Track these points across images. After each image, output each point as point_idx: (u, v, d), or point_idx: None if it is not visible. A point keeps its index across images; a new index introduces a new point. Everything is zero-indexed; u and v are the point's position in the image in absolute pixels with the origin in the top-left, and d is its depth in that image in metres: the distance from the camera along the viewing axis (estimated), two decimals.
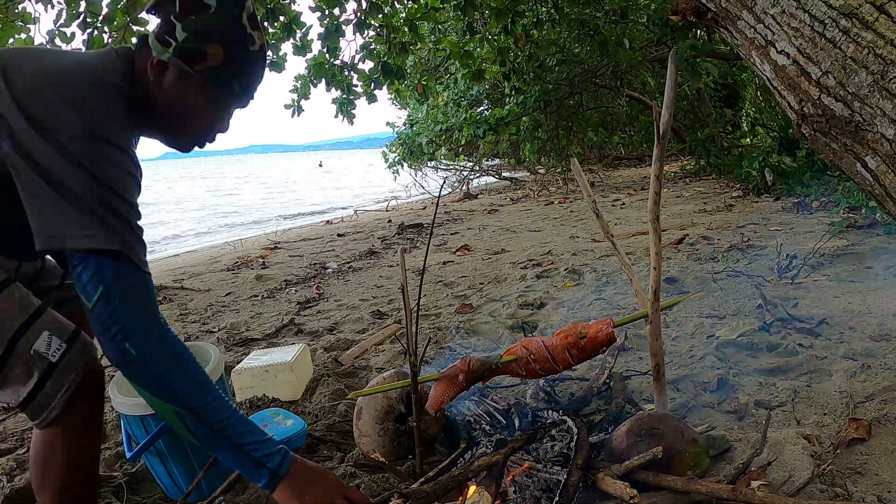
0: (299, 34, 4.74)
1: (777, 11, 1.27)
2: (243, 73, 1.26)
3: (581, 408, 2.07)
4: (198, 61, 1.21)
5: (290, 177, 36.76)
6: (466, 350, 2.93)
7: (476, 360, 1.73)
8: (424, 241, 7.07)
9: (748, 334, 2.71)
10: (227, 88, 1.25)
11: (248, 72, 1.27)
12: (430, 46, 8.52)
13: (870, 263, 3.67)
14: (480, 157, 13.43)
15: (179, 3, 1.19)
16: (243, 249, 8.02)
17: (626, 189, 10.41)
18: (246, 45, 1.23)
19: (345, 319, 3.79)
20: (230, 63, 1.23)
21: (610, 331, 1.74)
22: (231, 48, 1.22)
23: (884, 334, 2.55)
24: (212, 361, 1.89)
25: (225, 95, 1.26)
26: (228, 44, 1.21)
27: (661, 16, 5.97)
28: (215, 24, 1.20)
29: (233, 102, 1.29)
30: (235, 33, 1.22)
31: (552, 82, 9.21)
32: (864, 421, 1.85)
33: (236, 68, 1.24)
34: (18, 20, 3.37)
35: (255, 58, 1.26)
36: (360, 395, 1.89)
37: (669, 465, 1.56)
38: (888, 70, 1.12)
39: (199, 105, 1.26)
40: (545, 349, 1.74)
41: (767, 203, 6.81)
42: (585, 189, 2.02)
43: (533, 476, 1.63)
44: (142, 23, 3.81)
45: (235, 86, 1.26)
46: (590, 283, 4.00)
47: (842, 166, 1.30)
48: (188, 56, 1.21)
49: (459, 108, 10.83)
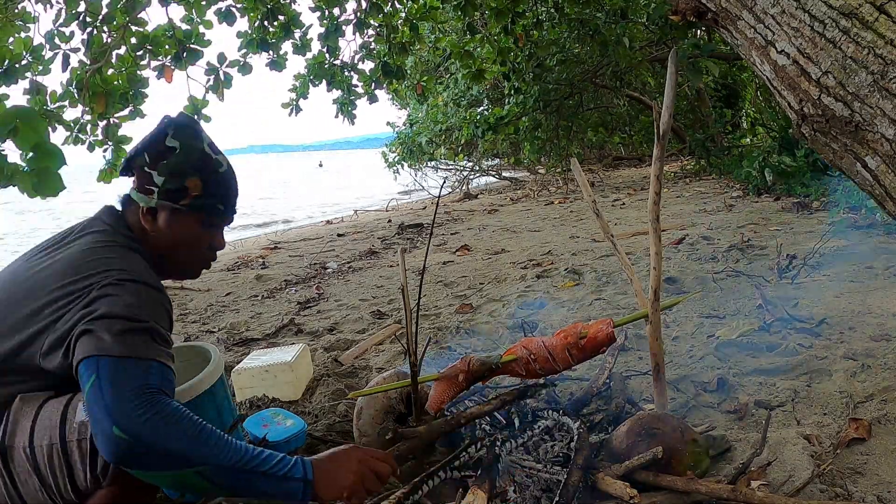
0: (298, 34, 4.74)
1: (777, 11, 1.27)
2: (223, 192, 1.43)
3: (581, 408, 2.07)
4: (182, 196, 1.37)
5: (291, 177, 36.75)
6: (466, 350, 2.93)
7: (476, 360, 1.74)
8: (424, 241, 7.08)
9: (748, 334, 2.71)
10: (214, 210, 1.42)
11: (226, 190, 1.43)
12: (430, 46, 8.53)
13: (870, 263, 3.67)
14: (480, 156, 13.44)
15: (148, 155, 1.36)
16: (243, 249, 8.02)
17: (626, 189, 10.41)
18: (216, 168, 1.41)
19: (345, 319, 3.79)
20: (209, 188, 1.39)
21: (610, 331, 1.74)
22: (206, 175, 1.39)
23: (884, 334, 2.55)
24: (212, 361, 1.89)
25: (213, 216, 1.43)
26: (203, 173, 1.38)
27: (661, 16, 5.97)
28: (186, 160, 1.37)
29: (221, 220, 1.46)
30: (205, 162, 1.39)
31: (552, 82, 9.22)
32: (864, 421, 1.85)
33: (216, 190, 1.41)
34: (18, 20, 3.37)
35: (227, 176, 1.44)
36: (360, 395, 1.89)
37: (669, 465, 1.56)
38: (888, 70, 1.12)
39: (195, 232, 1.42)
40: (545, 349, 1.74)
41: (767, 203, 6.81)
42: (585, 189, 2.02)
43: (533, 476, 1.63)
44: (141, 23, 3.81)
45: (219, 205, 1.42)
46: (590, 283, 4.00)
47: (842, 166, 1.30)
48: (173, 195, 1.37)
49: (459, 108, 10.83)
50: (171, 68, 3.94)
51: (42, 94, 3.00)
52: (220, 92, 4.29)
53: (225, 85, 4.28)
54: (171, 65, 3.94)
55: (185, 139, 1.38)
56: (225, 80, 4.27)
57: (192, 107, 4.23)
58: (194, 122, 1.45)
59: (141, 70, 3.75)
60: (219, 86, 4.27)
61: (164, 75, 3.94)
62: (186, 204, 1.38)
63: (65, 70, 3.51)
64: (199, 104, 4.24)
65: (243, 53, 4.51)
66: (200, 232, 1.43)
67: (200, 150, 1.40)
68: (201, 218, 1.41)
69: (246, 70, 4.52)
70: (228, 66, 4.30)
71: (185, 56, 3.93)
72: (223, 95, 4.31)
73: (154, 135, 1.39)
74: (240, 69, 4.47)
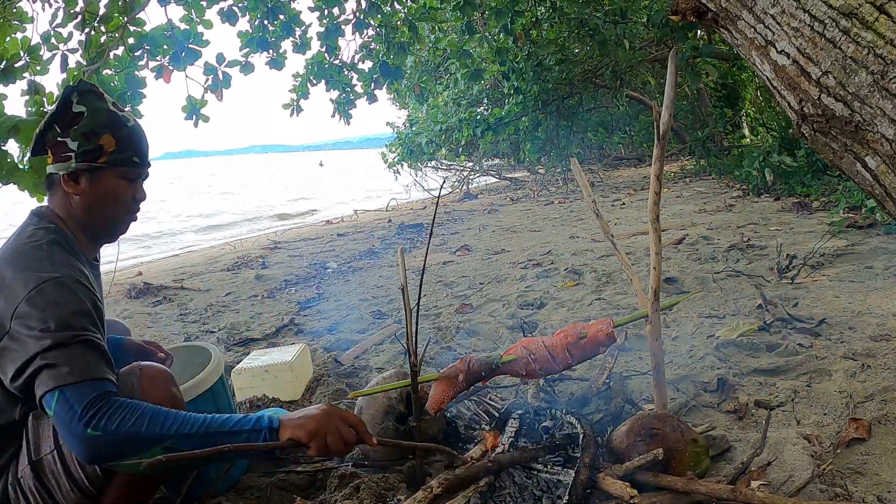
0: (298, 32, 4.73)
1: (777, 11, 1.27)
2: (136, 145, 1.50)
3: (581, 408, 2.07)
4: (99, 153, 1.45)
5: (291, 176, 36.74)
6: (466, 350, 2.93)
7: (476, 360, 1.73)
8: (424, 241, 7.07)
9: (748, 334, 2.71)
10: (130, 162, 1.49)
11: (138, 142, 1.51)
12: (430, 46, 8.52)
13: (870, 263, 3.67)
14: (480, 157, 13.43)
15: (59, 125, 1.44)
16: (243, 249, 8.01)
17: (626, 189, 10.41)
18: (125, 123, 1.49)
19: (345, 319, 3.79)
20: (122, 142, 1.47)
21: (610, 331, 1.74)
22: (117, 131, 1.47)
23: (884, 334, 2.55)
24: (212, 361, 1.89)
25: (129, 169, 1.50)
26: (114, 129, 1.46)
27: (662, 16, 5.96)
28: (96, 120, 1.44)
29: (138, 172, 1.53)
30: (113, 119, 1.47)
31: (552, 82, 9.21)
32: (864, 421, 1.84)
33: (129, 144, 1.49)
34: (15, 19, 3.36)
35: (136, 130, 1.52)
36: (361, 395, 1.89)
37: (669, 465, 1.56)
38: (888, 70, 1.11)
39: (118, 186, 1.49)
40: (545, 349, 1.74)
41: (767, 203, 6.81)
42: (585, 189, 2.02)
43: (533, 476, 1.63)
44: (139, 23, 3.80)
45: (134, 157, 1.50)
46: (590, 283, 4.00)
47: (842, 166, 1.30)
48: (90, 154, 1.44)
49: (459, 108, 10.82)
50: (170, 68, 3.93)
51: (40, 94, 2.98)
52: (219, 92, 4.28)
53: (224, 85, 4.27)
54: (170, 65, 3.93)
55: (90, 102, 1.45)
56: (224, 80, 4.27)
57: (191, 107, 4.23)
58: (94, 86, 1.51)
59: (139, 70, 3.75)
60: (218, 86, 4.26)
61: (163, 75, 3.93)
62: (104, 161, 1.45)
63: (63, 71, 3.50)
64: (197, 104, 4.24)
65: (245, 53, 4.50)
66: (122, 185, 1.50)
67: (106, 110, 1.47)
68: (120, 172, 1.48)
69: (248, 70, 4.52)
70: (228, 66, 4.29)
71: (184, 56, 3.93)
72: (222, 96, 4.30)
73: (60, 106, 1.45)
74: (241, 69, 4.46)
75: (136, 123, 1.52)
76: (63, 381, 1.20)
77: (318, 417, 1.30)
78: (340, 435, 1.31)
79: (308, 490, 1.86)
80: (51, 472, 1.33)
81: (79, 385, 1.21)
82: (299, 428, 1.27)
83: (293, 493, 1.81)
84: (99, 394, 1.21)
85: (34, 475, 1.33)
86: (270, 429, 1.27)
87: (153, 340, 1.90)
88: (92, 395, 1.20)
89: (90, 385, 1.22)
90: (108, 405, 1.20)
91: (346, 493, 1.68)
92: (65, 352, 1.23)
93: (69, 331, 1.25)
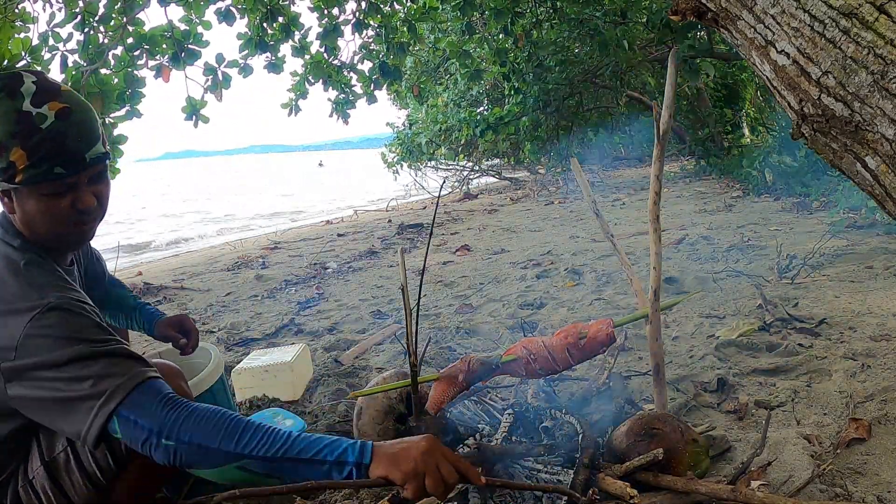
0: (298, 35, 4.73)
1: (777, 11, 1.27)
2: (54, 150, 1.19)
3: (581, 408, 2.07)
4: (15, 173, 1.17)
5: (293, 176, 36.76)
6: (466, 350, 2.93)
7: (476, 360, 1.73)
8: (424, 241, 7.07)
9: (748, 334, 2.71)
10: (51, 176, 1.20)
11: (57, 148, 1.19)
12: (430, 46, 8.51)
13: (870, 263, 3.67)
14: (480, 157, 13.42)
15: None
16: (243, 249, 8.01)
17: (626, 189, 10.41)
18: (38, 126, 1.17)
19: (345, 319, 3.79)
20: (35, 154, 1.17)
21: (610, 331, 1.74)
22: (26, 142, 1.16)
23: (884, 334, 2.55)
24: (212, 361, 1.89)
25: (50, 184, 1.21)
26: (23, 140, 1.16)
27: (662, 17, 5.96)
28: (2, 131, 1.16)
29: (66, 185, 1.23)
30: (23, 125, 1.16)
31: (552, 82, 9.21)
32: (864, 421, 1.84)
33: (43, 155, 1.18)
34: (18, 20, 3.37)
35: (55, 131, 1.19)
36: (361, 395, 1.88)
37: (669, 465, 1.56)
38: (888, 70, 1.11)
39: (44, 206, 1.23)
40: (545, 349, 1.74)
41: (767, 203, 6.81)
42: (585, 189, 2.02)
43: (533, 477, 1.63)
44: (139, 23, 3.80)
45: (57, 167, 1.19)
46: (590, 283, 4.00)
47: (842, 166, 1.30)
48: (5, 174, 1.18)
49: (459, 109, 10.82)
50: (169, 68, 3.93)
51: None
52: (219, 92, 4.28)
53: (223, 85, 4.27)
54: (169, 65, 3.93)
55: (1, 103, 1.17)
56: (223, 81, 4.27)
57: (190, 107, 4.23)
58: (11, 77, 1.20)
59: (138, 70, 3.75)
60: (217, 86, 4.26)
61: (162, 75, 3.93)
62: (21, 179, 1.18)
63: (62, 71, 3.50)
64: (197, 104, 4.24)
65: (244, 55, 4.50)
66: (49, 203, 1.23)
67: (16, 112, 1.16)
68: (46, 186, 1.20)
69: (247, 72, 4.52)
70: (227, 67, 4.29)
71: (184, 56, 3.93)
72: (221, 96, 4.31)
73: None
74: (240, 71, 4.46)
75: (56, 120, 1.19)
76: (113, 401, 1.10)
77: (417, 457, 1.11)
78: (441, 476, 1.12)
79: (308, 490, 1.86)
80: (65, 469, 1.30)
81: (129, 397, 1.11)
82: (394, 467, 1.10)
83: (293, 493, 1.81)
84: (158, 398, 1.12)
85: (47, 475, 1.30)
86: (359, 464, 1.10)
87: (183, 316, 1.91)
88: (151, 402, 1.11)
89: (139, 391, 1.12)
90: (177, 411, 1.10)
91: (346, 493, 1.68)
92: (94, 369, 1.12)
93: (89, 345, 1.14)
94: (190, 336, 1.85)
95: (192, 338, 1.85)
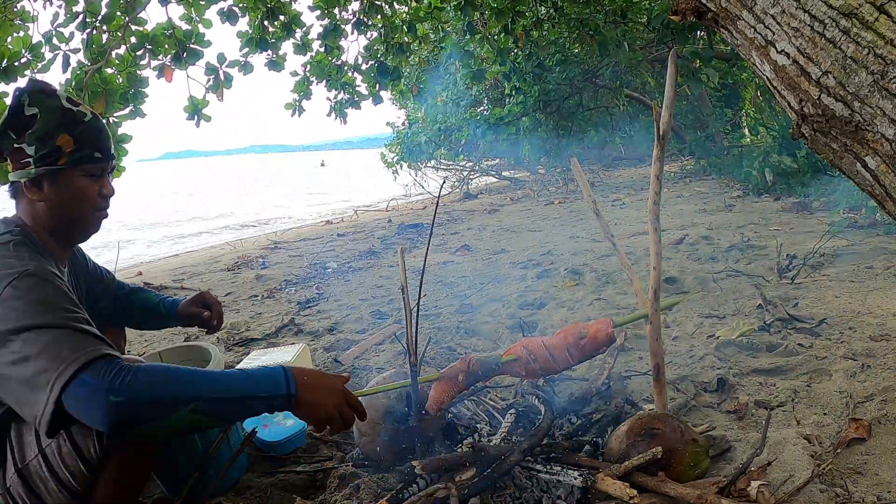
0: (299, 33, 4.73)
1: (777, 11, 1.27)
2: (94, 140, 1.44)
3: (581, 408, 2.07)
4: (58, 156, 1.39)
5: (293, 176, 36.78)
6: (466, 350, 2.93)
7: (476, 360, 1.73)
8: (424, 241, 7.07)
9: (748, 334, 2.71)
10: (91, 159, 1.44)
11: (97, 136, 1.45)
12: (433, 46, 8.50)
13: (870, 263, 3.67)
14: (480, 156, 13.42)
15: (13, 131, 1.39)
16: (243, 249, 8.01)
17: (626, 189, 10.41)
18: (82, 119, 1.43)
19: (345, 319, 3.79)
20: (80, 140, 1.42)
21: (610, 331, 1.74)
22: (73, 129, 1.41)
23: (884, 334, 2.55)
24: (212, 361, 1.89)
25: (92, 166, 1.45)
26: (70, 128, 1.40)
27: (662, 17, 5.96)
28: (50, 122, 1.39)
29: (101, 168, 1.47)
30: (68, 117, 1.41)
31: (552, 82, 9.21)
32: (864, 421, 1.85)
33: (87, 140, 1.43)
34: (17, 19, 3.37)
35: (94, 124, 1.46)
36: (361, 395, 1.88)
37: (669, 465, 1.56)
38: (888, 70, 1.12)
39: (82, 186, 1.44)
40: (545, 349, 1.74)
41: (767, 203, 6.81)
42: (585, 189, 2.02)
43: (532, 477, 1.63)
44: (141, 22, 3.80)
45: (95, 153, 1.44)
46: (590, 283, 4.00)
47: (842, 166, 1.30)
48: (48, 158, 1.39)
49: (459, 108, 10.82)
50: (171, 68, 3.93)
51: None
52: (220, 92, 4.28)
53: (225, 85, 4.27)
54: (171, 64, 3.93)
55: (42, 102, 1.39)
56: (225, 80, 4.27)
57: (192, 106, 4.23)
58: (45, 83, 1.44)
59: (141, 70, 3.75)
60: (219, 85, 4.26)
61: (164, 75, 3.93)
62: (64, 162, 1.40)
63: (65, 71, 3.50)
64: (199, 104, 4.24)
65: (244, 53, 4.50)
66: (86, 184, 1.45)
67: (60, 108, 1.41)
68: (82, 170, 1.43)
69: (247, 69, 4.52)
70: (228, 66, 4.29)
71: (185, 56, 3.93)
72: (223, 95, 4.31)
73: (12, 110, 1.39)
74: (241, 69, 4.46)
75: (93, 117, 1.47)
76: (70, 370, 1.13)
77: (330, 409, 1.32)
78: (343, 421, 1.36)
79: (308, 490, 1.86)
80: (37, 476, 1.31)
81: (90, 363, 1.14)
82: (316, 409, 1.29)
83: (293, 493, 1.81)
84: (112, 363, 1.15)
85: (22, 482, 1.31)
86: (288, 396, 1.26)
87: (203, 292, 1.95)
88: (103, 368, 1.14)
89: (101, 361, 1.16)
90: (127, 371, 1.14)
91: (346, 493, 1.68)
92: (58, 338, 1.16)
93: (57, 314, 1.19)
94: (213, 309, 1.89)
95: (214, 310, 1.89)
